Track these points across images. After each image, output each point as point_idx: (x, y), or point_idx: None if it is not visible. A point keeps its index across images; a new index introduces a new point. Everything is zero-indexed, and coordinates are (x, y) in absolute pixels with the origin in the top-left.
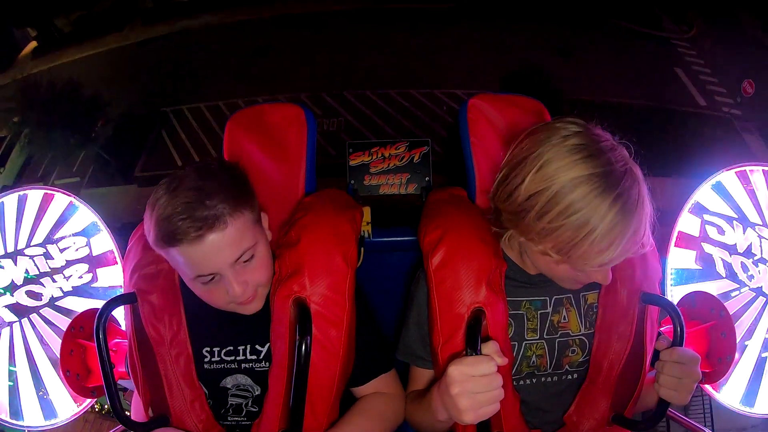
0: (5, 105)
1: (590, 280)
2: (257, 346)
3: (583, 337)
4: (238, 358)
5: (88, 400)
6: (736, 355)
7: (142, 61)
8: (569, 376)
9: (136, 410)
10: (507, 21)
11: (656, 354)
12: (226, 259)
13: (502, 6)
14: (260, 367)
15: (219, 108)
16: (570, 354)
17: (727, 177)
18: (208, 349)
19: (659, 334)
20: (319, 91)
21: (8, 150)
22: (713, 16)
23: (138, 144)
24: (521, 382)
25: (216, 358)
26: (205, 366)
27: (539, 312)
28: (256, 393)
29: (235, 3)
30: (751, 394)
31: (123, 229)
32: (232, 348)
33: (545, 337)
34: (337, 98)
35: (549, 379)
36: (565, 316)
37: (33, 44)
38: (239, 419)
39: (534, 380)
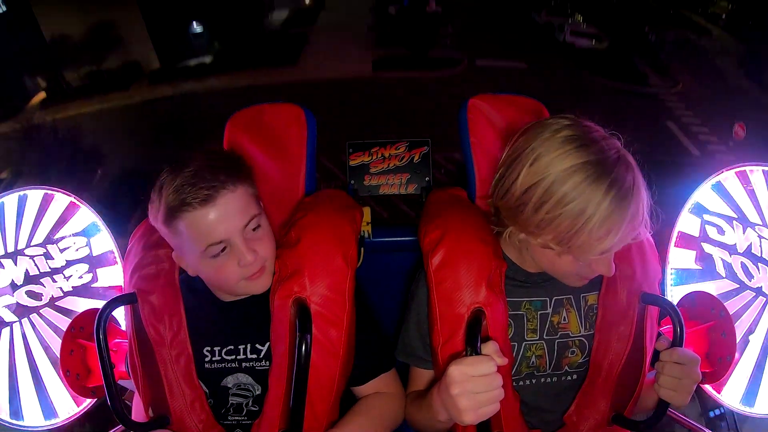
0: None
1: (594, 274)
2: (257, 345)
3: (583, 338)
4: (238, 357)
5: (88, 400)
6: (736, 355)
7: (145, 119)
8: (569, 377)
9: (137, 410)
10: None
11: (656, 354)
12: (237, 224)
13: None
14: (261, 366)
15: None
16: (569, 355)
17: (727, 177)
18: (209, 348)
19: (659, 334)
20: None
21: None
22: (697, 67)
23: (133, 200)
24: (521, 383)
25: (217, 358)
26: (206, 366)
27: (539, 312)
28: (257, 392)
29: (238, 68)
30: (751, 394)
31: (124, 229)
32: (232, 347)
33: (545, 337)
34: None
35: (548, 379)
36: (565, 317)
37: (42, 95)
38: (240, 418)
39: (533, 381)
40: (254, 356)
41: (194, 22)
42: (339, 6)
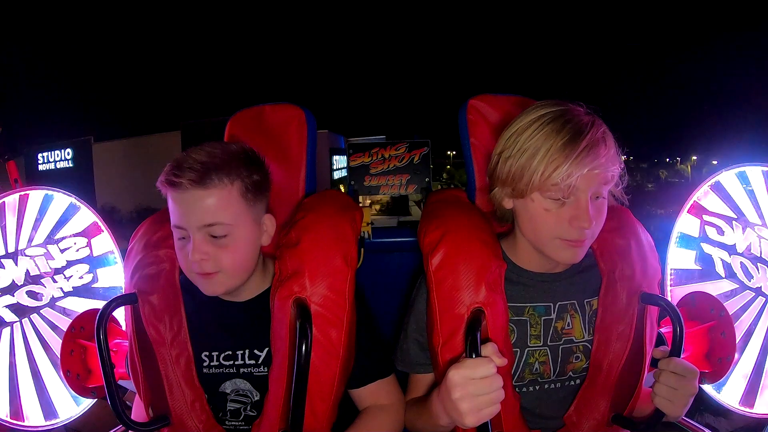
0: None
1: (571, 230)
2: (256, 351)
3: (587, 344)
4: (236, 362)
5: (88, 400)
6: (736, 355)
7: None
8: (572, 382)
9: (137, 410)
10: None
11: (656, 361)
12: (196, 219)
13: None
14: (259, 371)
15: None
16: (574, 361)
17: (727, 177)
18: (207, 353)
19: (659, 334)
20: None
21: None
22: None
23: None
24: (524, 389)
25: (215, 363)
26: (204, 370)
27: (543, 318)
28: (255, 398)
29: None
30: (751, 394)
31: (124, 229)
32: (230, 352)
33: (549, 344)
34: None
35: (552, 386)
36: (569, 323)
37: None
38: (237, 423)
39: (537, 387)
40: (252, 362)
41: None
42: None
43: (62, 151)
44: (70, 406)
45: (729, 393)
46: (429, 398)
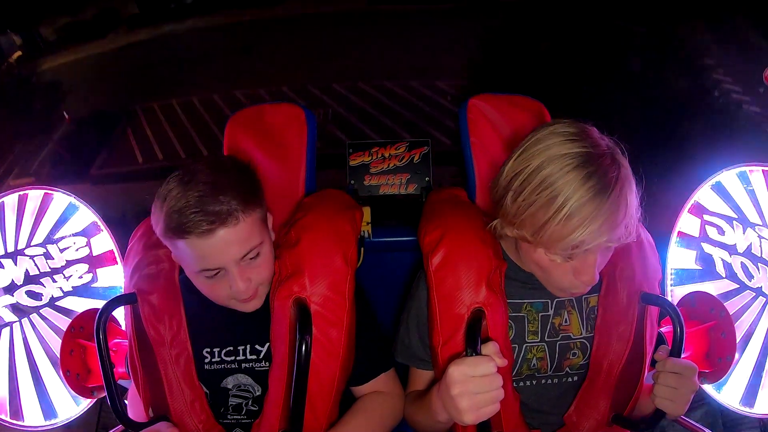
0: None
1: (578, 283)
2: (257, 346)
3: (585, 341)
4: (238, 358)
5: (88, 400)
6: (736, 355)
7: (122, 63)
8: (569, 379)
9: (132, 409)
10: None
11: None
12: (234, 255)
13: None
14: (260, 366)
15: (191, 103)
16: (571, 357)
17: (727, 177)
18: (209, 349)
19: (659, 334)
20: (304, 83)
21: None
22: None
23: (100, 141)
24: (521, 384)
25: (216, 359)
26: (206, 366)
27: (540, 314)
28: (257, 393)
29: (222, 6)
30: (751, 394)
31: (124, 229)
32: (231, 348)
33: (546, 339)
34: (325, 91)
35: (549, 381)
36: (566, 319)
37: (18, 53)
38: (239, 418)
39: (534, 382)
40: (254, 357)
41: None
42: None
43: None
44: (70, 406)
45: (729, 393)
46: (429, 393)
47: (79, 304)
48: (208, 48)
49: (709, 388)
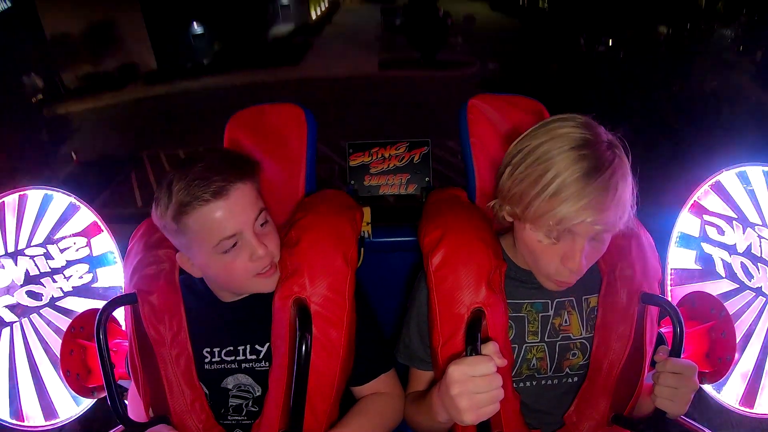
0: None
1: (565, 271)
2: (257, 346)
3: (584, 341)
4: (238, 358)
5: (88, 400)
6: (736, 355)
7: (135, 114)
8: (569, 379)
9: (132, 409)
10: None
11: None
12: (249, 215)
13: None
14: (260, 366)
15: (197, 154)
16: (571, 357)
17: (727, 177)
18: (209, 349)
19: (659, 334)
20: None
21: None
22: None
23: (102, 183)
24: (521, 384)
25: (216, 359)
26: (206, 366)
27: (540, 315)
28: (257, 393)
29: (236, 68)
30: (751, 394)
31: (124, 229)
32: (231, 348)
33: (546, 340)
34: (334, 149)
35: (549, 381)
36: (566, 320)
37: (39, 97)
38: (239, 418)
39: (534, 382)
40: (254, 357)
41: (195, 23)
42: (345, 20)
43: None
44: (70, 406)
45: (729, 393)
46: (429, 393)
47: (79, 304)
48: (218, 105)
49: (709, 388)
